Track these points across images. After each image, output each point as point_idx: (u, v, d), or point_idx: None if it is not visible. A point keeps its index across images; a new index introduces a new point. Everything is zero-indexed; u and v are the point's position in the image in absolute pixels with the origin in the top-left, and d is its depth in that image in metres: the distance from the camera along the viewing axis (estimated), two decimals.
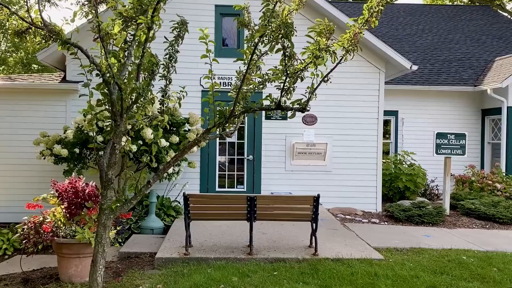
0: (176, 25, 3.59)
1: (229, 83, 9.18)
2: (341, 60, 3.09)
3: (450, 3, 28.01)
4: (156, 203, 7.81)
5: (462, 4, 26.72)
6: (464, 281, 5.14)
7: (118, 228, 6.02)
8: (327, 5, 9.23)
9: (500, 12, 20.68)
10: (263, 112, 9.19)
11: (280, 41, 2.88)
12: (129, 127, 3.96)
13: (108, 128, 3.77)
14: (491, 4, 25.44)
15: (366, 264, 5.61)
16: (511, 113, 11.56)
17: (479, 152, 12.55)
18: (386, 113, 11.35)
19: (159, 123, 3.49)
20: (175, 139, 7.39)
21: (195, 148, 7.91)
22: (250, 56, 3.08)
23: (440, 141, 9.29)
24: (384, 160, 10.76)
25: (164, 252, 5.91)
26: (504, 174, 11.06)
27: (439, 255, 6.17)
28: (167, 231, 7.25)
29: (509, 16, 24.41)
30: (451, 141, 9.31)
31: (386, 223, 8.52)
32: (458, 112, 12.57)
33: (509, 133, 11.55)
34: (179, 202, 8.44)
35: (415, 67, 9.60)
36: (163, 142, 7.09)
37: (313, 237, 6.02)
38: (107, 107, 3.59)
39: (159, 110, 3.88)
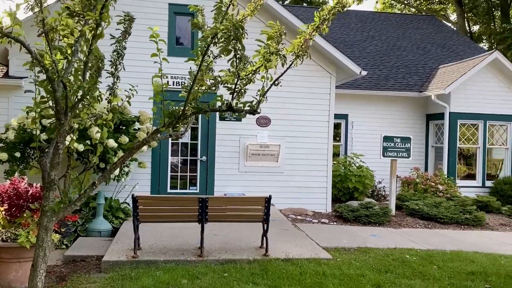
0: (123, 20, 3.50)
1: (183, 83, 9.05)
2: (291, 65, 3.14)
3: (399, 12, 29.19)
4: (104, 204, 7.57)
5: (410, 13, 27.92)
6: (406, 279, 5.37)
7: (62, 230, 5.79)
8: (282, 9, 9.35)
9: (445, 22, 21.83)
10: (217, 113, 9.16)
11: (231, 43, 2.88)
12: (76, 126, 3.82)
13: (52, 127, 3.61)
14: (437, 14, 26.79)
15: (315, 263, 5.73)
16: (453, 118, 12.22)
17: (424, 155, 13.17)
18: (337, 116, 11.66)
19: (104, 122, 3.38)
20: (124, 139, 7.21)
21: (145, 148, 7.75)
22: (201, 57, 3.06)
23: (387, 144, 9.66)
24: (334, 162, 11.04)
25: (111, 255, 5.75)
26: (446, 176, 11.66)
27: (384, 254, 6.41)
28: (116, 233, 7.05)
29: (453, 27, 25.80)
30: (397, 144, 9.70)
31: (335, 223, 8.74)
32: (405, 117, 13.12)
33: (451, 137, 12.20)
34: (128, 204, 8.24)
35: (364, 73, 9.92)
36: (111, 142, 6.89)
37: (264, 238, 6.07)
38: (51, 104, 3.44)
39: (106, 109, 3.77)
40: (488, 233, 8.57)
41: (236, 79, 3.10)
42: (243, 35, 2.85)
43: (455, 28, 25.05)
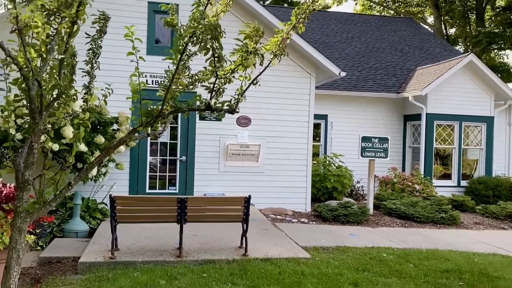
0: (98, 19, 3.45)
1: (162, 82, 8.99)
2: (269, 64, 3.15)
3: (378, 14, 29.60)
4: (81, 205, 7.45)
5: (389, 15, 28.34)
6: (383, 277, 5.45)
7: (37, 232, 5.67)
8: (261, 8, 9.36)
9: (422, 25, 22.23)
10: (197, 112, 9.12)
11: (209, 42, 2.88)
12: (49, 126, 3.74)
13: (27, 126, 3.54)
14: (414, 17, 27.26)
15: (294, 263, 5.76)
16: (429, 119, 12.46)
17: (401, 155, 13.39)
18: (317, 116, 11.76)
19: (81, 122, 3.33)
20: (100, 139, 7.10)
21: (123, 148, 7.66)
22: (179, 56, 3.04)
23: (365, 144, 9.79)
24: (314, 162, 11.13)
25: (88, 256, 5.66)
26: (422, 176, 11.88)
27: (362, 253, 6.49)
28: (93, 234, 6.95)
29: (430, 29, 26.32)
30: (375, 145, 9.84)
31: (314, 222, 8.80)
32: (383, 117, 13.32)
33: (428, 138, 12.44)
34: (106, 204, 8.13)
35: (343, 74, 10.02)
36: (81, 147, 6.78)
37: (244, 238, 6.07)
38: (25, 103, 3.37)
39: (82, 108, 3.71)
40: (463, 232, 8.77)
41: (214, 78, 3.09)
42: (221, 34, 2.84)
43: (432, 31, 25.55)
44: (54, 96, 3.40)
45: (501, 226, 9.51)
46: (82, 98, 3.96)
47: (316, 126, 12.65)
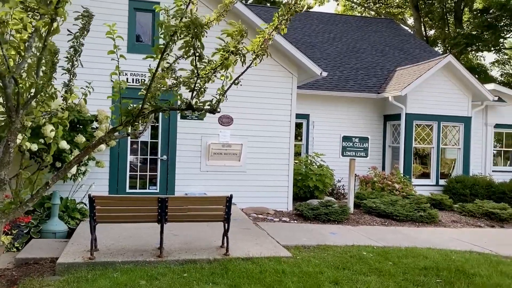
0: (81, 16, 3.40)
1: (143, 80, 8.92)
2: (250, 64, 3.15)
3: (359, 15, 29.91)
4: (59, 205, 7.33)
5: (370, 16, 28.68)
6: (363, 275, 5.51)
7: (14, 232, 5.56)
8: (243, 7, 9.36)
9: (402, 26, 22.56)
10: (178, 112, 9.06)
11: (190, 41, 2.86)
12: (29, 124, 3.67)
13: (3, 124, 3.46)
14: (395, 18, 27.64)
15: (275, 262, 5.78)
16: (409, 119, 12.66)
17: (381, 154, 13.57)
18: (298, 116, 11.82)
19: (59, 121, 3.27)
20: (80, 138, 7.00)
21: (103, 147, 7.56)
22: (161, 55, 3.02)
23: (346, 143, 9.89)
24: (296, 161, 11.18)
25: (66, 256, 5.57)
26: (402, 175, 12.07)
27: (343, 251, 6.55)
28: (72, 234, 6.84)
29: (410, 30, 26.72)
30: (356, 144, 9.95)
31: (296, 221, 8.85)
32: (364, 117, 13.47)
33: (407, 137, 12.64)
34: (85, 204, 8.01)
35: (325, 74, 10.10)
36: (63, 144, 6.67)
37: (225, 237, 6.06)
38: (1, 101, 3.30)
39: (62, 107, 3.65)
40: (441, 230, 8.94)
41: (195, 78, 3.08)
42: (203, 33, 2.84)
43: (412, 32, 25.95)
44: (32, 94, 3.34)
45: (477, 224, 9.73)
46: (62, 96, 3.89)
47: (298, 126, 12.72)
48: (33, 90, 3.34)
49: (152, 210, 5.75)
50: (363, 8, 32.09)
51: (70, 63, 3.92)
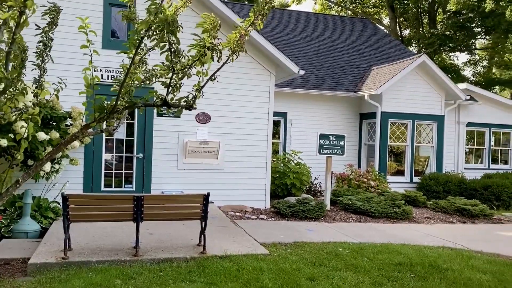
0: (48, 11, 3.31)
1: (119, 77, 8.78)
2: (227, 60, 3.14)
3: (336, 14, 30.19)
4: (31, 204, 7.14)
5: (346, 15, 28.98)
6: (339, 271, 5.57)
7: None
8: (219, 3, 9.28)
9: (378, 25, 22.88)
10: (155, 109, 8.96)
11: (165, 36, 2.82)
12: None
13: None
14: (371, 17, 28.02)
15: (252, 259, 5.78)
16: (384, 118, 12.85)
17: (357, 152, 13.75)
18: (276, 114, 11.85)
19: (30, 117, 3.18)
20: (54, 134, 6.84)
21: (77, 144, 7.40)
22: (135, 50, 2.97)
23: (323, 141, 9.97)
24: (273, 159, 11.21)
25: (39, 257, 5.44)
26: (377, 173, 12.25)
27: (319, 248, 6.61)
28: (45, 234, 6.68)
29: (385, 30, 27.12)
30: (332, 142, 10.04)
31: (273, 219, 8.87)
32: (340, 115, 13.61)
33: (382, 135, 12.83)
34: (58, 203, 7.82)
35: (302, 72, 10.15)
36: (41, 135, 6.50)
37: (202, 236, 6.02)
38: None
39: (33, 102, 3.55)
40: (415, 226, 9.11)
41: (171, 73, 3.04)
42: (178, 28, 2.80)
43: (387, 32, 26.35)
44: (0, 89, 3.24)
45: (450, 220, 9.96)
46: (32, 92, 3.79)
47: (276, 124, 12.75)
48: (1, 86, 3.24)
49: (128, 209, 5.67)
50: (340, 7, 32.40)
51: (40, 58, 3.82)
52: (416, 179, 13.27)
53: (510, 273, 5.88)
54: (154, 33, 2.74)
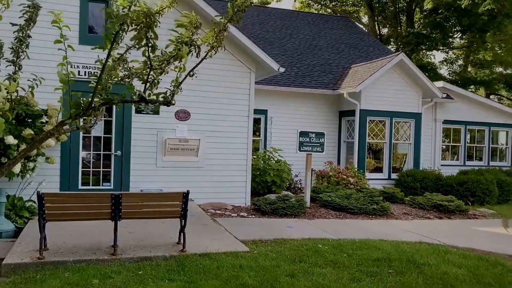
0: (27, 8, 3.22)
1: (95, 73, 8.62)
2: (206, 55, 3.11)
3: (316, 12, 30.36)
4: (6, 203, 6.97)
5: (326, 14, 29.16)
6: (319, 267, 5.61)
7: None
8: (200, 0, 9.23)
9: (357, 24, 23.12)
10: (133, 105, 8.84)
11: (143, 31, 2.78)
12: None
13: None
14: (350, 16, 28.27)
15: (232, 257, 5.77)
16: (363, 115, 12.99)
17: (337, 149, 13.87)
18: (257, 111, 11.85)
19: (1, 113, 3.09)
20: (28, 132, 6.68)
21: (52, 142, 7.24)
22: (110, 45, 2.91)
23: (303, 139, 10.02)
24: (254, 156, 11.21)
25: (13, 257, 5.31)
26: (356, 170, 12.38)
27: (299, 245, 6.64)
28: (20, 234, 6.52)
29: (364, 29, 27.42)
30: (312, 139, 10.10)
31: (253, 216, 8.88)
32: (320, 113, 13.70)
33: (361, 133, 12.97)
34: (34, 202, 7.65)
35: (282, 69, 10.16)
36: (9, 139, 6.34)
37: (182, 234, 5.98)
38: None
39: (5, 98, 3.44)
40: (393, 222, 9.25)
41: (148, 69, 2.99)
42: (155, 23, 2.76)
43: (366, 30, 26.65)
44: None
45: (427, 216, 10.15)
46: (6, 89, 3.68)
47: (256, 121, 12.75)
48: None
49: (106, 207, 5.58)
50: (319, 5, 32.58)
51: (16, 55, 3.72)
52: (394, 175, 13.47)
53: (484, 267, 6.03)
54: (130, 27, 2.69)
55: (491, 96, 30.42)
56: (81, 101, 3.01)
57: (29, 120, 7.21)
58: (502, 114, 16.38)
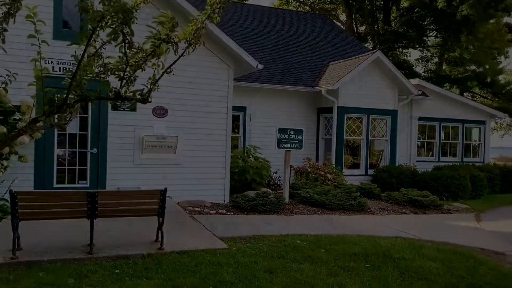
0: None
1: (71, 69, 8.45)
2: (183, 52, 3.08)
3: (294, 9, 30.45)
4: None
5: (304, 11, 29.30)
6: (297, 263, 5.66)
7: None
8: None
9: (335, 21, 23.31)
10: (109, 102, 8.70)
11: (119, 27, 2.73)
12: None
13: None
14: (328, 14, 28.47)
15: (210, 254, 5.77)
16: (340, 112, 13.13)
17: (315, 146, 13.98)
18: (236, 108, 11.83)
19: None
20: (1, 129, 6.51)
21: (26, 139, 7.08)
22: (87, 41, 2.85)
23: (282, 136, 10.06)
24: (233, 154, 11.19)
25: None
26: (334, 166, 12.51)
27: (277, 241, 6.68)
28: None
29: (342, 26, 27.66)
30: (291, 136, 10.16)
31: (232, 213, 8.88)
32: (299, 110, 13.78)
33: (339, 130, 13.11)
34: (7, 201, 7.44)
35: (260, 66, 10.18)
36: None
37: (159, 232, 5.94)
38: None
39: None
40: (370, 217, 9.40)
41: (125, 66, 2.95)
42: (132, 19, 2.72)
43: (344, 28, 26.89)
44: None
45: (403, 211, 10.34)
46: None
47: (236, 118, 12.72)
48: None
49: (81, 206, 5.50)
50: (298, 2, 32.70)
51: None
52: (371, 171, 13.67)
53: (457, 260, 6.20)
54: (108, 23, 2.64)
55: (464, 94, 31.15)
56: (56, 98, 2.95)
57: (1, 117, 7.02)
58: (475, 111, 16.81)
